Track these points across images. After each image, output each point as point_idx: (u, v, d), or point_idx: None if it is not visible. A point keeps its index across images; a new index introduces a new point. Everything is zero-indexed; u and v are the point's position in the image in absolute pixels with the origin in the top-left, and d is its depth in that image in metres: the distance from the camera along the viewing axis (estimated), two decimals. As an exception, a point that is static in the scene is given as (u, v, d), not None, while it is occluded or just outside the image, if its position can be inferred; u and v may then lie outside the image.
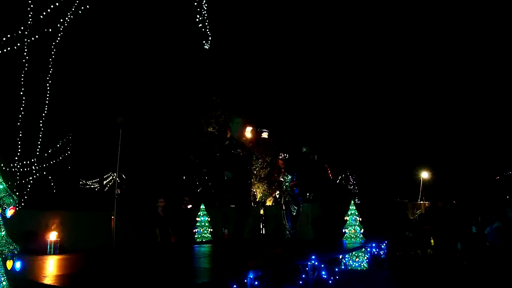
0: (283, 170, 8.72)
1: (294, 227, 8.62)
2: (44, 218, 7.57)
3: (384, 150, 22.09)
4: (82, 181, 16.67)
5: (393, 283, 7.19)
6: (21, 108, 9.40)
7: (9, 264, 3.50)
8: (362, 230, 8.17)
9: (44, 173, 10.20)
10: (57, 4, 9.46)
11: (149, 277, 4.31)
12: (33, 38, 9.29)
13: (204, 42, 11.08)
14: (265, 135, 8.31)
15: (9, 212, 3.56)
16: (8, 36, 8.92)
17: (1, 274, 3.45)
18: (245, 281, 4.17)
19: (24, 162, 9.67)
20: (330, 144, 17.14)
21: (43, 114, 9.84)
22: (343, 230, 8.28)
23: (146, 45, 13.05)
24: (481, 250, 8.97)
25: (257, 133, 8.56)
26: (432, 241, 10.68)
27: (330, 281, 5.88)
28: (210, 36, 11.01)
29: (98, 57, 11.82)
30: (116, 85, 12.74)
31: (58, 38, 9.77)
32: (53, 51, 9.82)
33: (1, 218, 3.55)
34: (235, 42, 14.65)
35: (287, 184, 8.63)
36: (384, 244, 8.17)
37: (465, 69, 22.43)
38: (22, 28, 9.12)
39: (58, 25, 9.68)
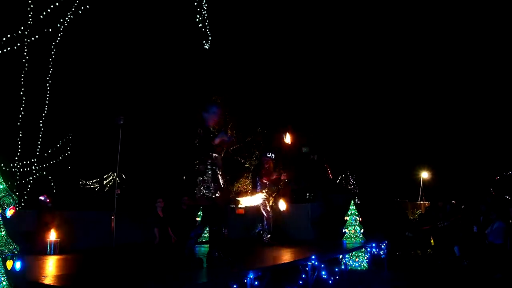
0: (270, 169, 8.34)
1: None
2: (44, 218, 7.56)
3: (384, 150, 22.09)
4: (82, 181, 16.66)
5: (393, 283, 7.20)
6: (21, 108, 9.40)
7: (9, 264, 3.50)
8: (362, 230, 8.17)
9: (44, 173, 10.20)
10: (57, 4, 9.46)
11: (149, 277, 4.31)
12: (33, 38, 9.29)
13: (204, 42, 11.08)
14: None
15: (9, 212, 3.56)
16: (8, 36, 8.92)
17: (1, 274, 3.45)
18: (245, 281, 4.18)
19: (24, 162, 9.67)
20: (330, 144, 17.13)
21: (43, 114, 9.83)
22: (343, 230, 8.28)
23: (146, 45, 13.05)
24: (480, 250, 8.97)
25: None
26: (432, 241, 10.68)
27: (330, 281, 5.88)
28: (210, 36, 11.01)
29: (98, 57, 11.81)
30: (116, 85, 12.73)
31: (58, 38, 9.77)
32: (53, 51, 9.82)
33: (1, 218, 3.55)
34: (235, 42, 14.65)
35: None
36: (384, 244, 8.17)
37: (465, 69, 22.45)
38: (22, 28, 9.12)
39: (58, 25, 9.68)
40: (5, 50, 8.82)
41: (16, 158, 9.48)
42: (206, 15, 10.76)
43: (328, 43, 18.64)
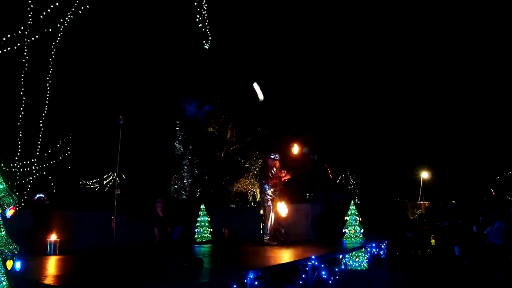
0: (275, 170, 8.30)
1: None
2: (44, 218, 7.56)
3: (384, 150, 22.09)
4: (82, 181, 16.67)
5: (393, 283, 7.20)
6: (21, 108, 9.40)
7: (9, 264, 3.50)
8: (362, 230, 8.17)
9: (44, 173, 10.20)
10: (57, 4, 9.46)
11: (149, 277, 4.31)
12: (33, 38, 9.29)
13: (204, 42, 11.08)
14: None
15: (9, 212, 3.56)
16: (8, 36, 8.92)
17: (1, 274, 3.45)
18: (245, 281, 4.18)
19: (24, 162, 9.67)
20: (330, 144, 17.14)
21: (43, 114, 9.83)
22: (343, 230, 8.27)
23: (146, 45, 13.05)
24: (480, 250, 8.96)
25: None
26: (432, 241, 10.67)
27: (330, 281, 5.89)
28: (210, 36, 11.00)
29: (98, 57, 11.81)
30: (116, 85, 12.72)
31: (58, 38, 9.77)
32: (53, 51, 9.82)
33: (1, 218, 3.55)
34: (235, 42, 14.65)
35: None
36: (384, 244, 8.17)
37: (465, 69, 22.45)
38: (22, 28, 9.12)
39: (58, 25, 9.68)
40: (5, 50, 8.82)
41: (16, 158, 9.48)
42: (206, 15, 10.75)
43: (328, 44, 18.64)
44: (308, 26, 17.68)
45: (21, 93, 9.37)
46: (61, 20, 9.69)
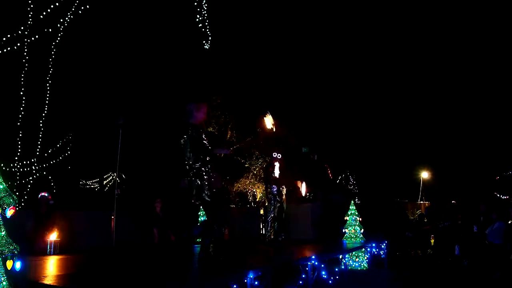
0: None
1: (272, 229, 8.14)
2: (47, 218, 7.55)
3: (384, 150, 22.09)
4: (82, 181, 16.67)
5: (393, 283, 7.20)
6: (21, 108, 9.40)
7: (9, 264, 3.50)
8: (362, 230, 8.17)
9: (44, 173, 10.20)
10: (57, 4, 9.46)
11: (149, 277, 4.31)
12: (33, 38, 9.29)
13: (204, 42, 11.08)
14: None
15: (9, 212, 3.56)
16: (8, 36, 8.92)
17: (1, 274, 3.45)
18: (245, 281, 4.18)
19: (24, 162, 9.67)
20: (330, 144, 17.13)
21: (43, 114, 9.83)
22: (343, 230, 8.27)
23: (146, 45, 13.04)
24: (480, 250, 8.97)
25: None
26: (432, 241, 10.69)
27: (330, 281, 5.88)
28: (210, 36, 11.01)
29: (98, 57, 11.81)
30: (116, 85, 12.72)
31: (58, 38, 9.77)
32: (53, 51, 9.82)
33: (1, 218, 3.55)
34: (235, 42, 14.65)
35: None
36: (384, 244, 8.17)
37: (465, 69, 22.44)
38: (22, 28, 9.12)
39: (58, 25, 9.68)
40: (5, 50, 8.82)
41: (16, 158, 9.48)
42: (206, 15, 10.75)
43: (328, 42, 18.64)
44: (308, 25, 17.69)
45: (21, 93, 9.37)
46: (61, 20, 9.69)
